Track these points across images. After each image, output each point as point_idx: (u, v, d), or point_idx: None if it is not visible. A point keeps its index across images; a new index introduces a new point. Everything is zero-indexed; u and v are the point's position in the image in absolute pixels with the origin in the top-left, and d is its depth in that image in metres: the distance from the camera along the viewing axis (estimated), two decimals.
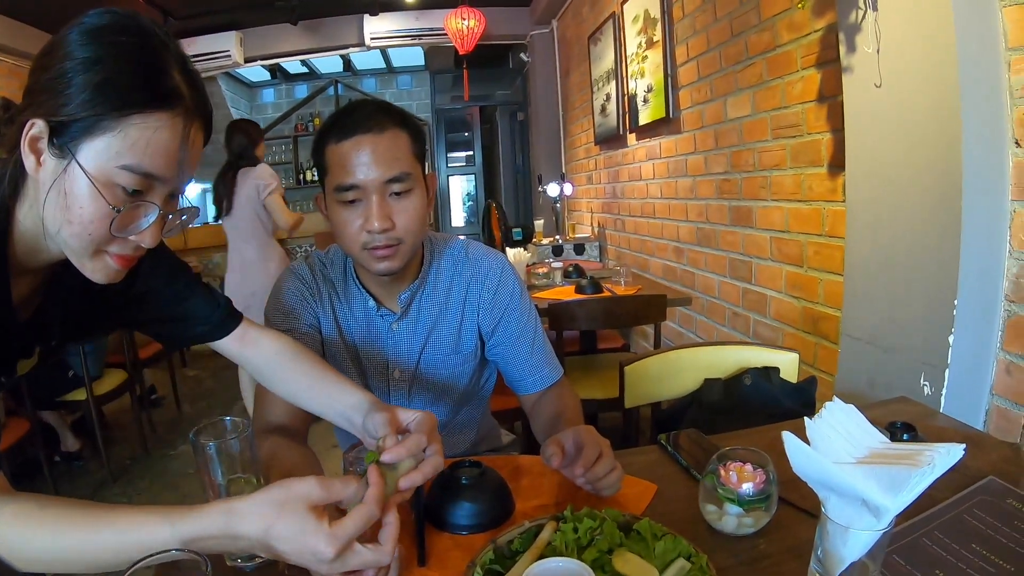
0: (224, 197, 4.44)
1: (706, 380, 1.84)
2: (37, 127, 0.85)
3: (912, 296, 1.95)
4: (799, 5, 2.26)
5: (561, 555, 0.89)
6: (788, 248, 2.85)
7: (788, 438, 0.83)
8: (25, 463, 3.66)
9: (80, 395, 3.88)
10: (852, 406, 0.90)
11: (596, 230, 6.09)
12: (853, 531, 0.80)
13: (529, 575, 0.83)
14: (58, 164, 0.86)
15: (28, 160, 0.87)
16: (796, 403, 1.82)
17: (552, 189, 5.76)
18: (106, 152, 0.86)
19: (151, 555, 0.77)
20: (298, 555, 0.81)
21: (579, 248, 5.39)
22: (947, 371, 1.83)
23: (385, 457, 0.91)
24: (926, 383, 1.90)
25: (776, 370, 1.82)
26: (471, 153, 12.17)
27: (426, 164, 1.48)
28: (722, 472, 1.03)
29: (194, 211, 1.04)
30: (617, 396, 1.99)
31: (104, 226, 0.88)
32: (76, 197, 0.86)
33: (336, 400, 1.21)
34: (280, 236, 7.14)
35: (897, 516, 0.79)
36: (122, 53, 0.87)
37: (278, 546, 0.81)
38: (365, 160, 1.32)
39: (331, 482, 0.85)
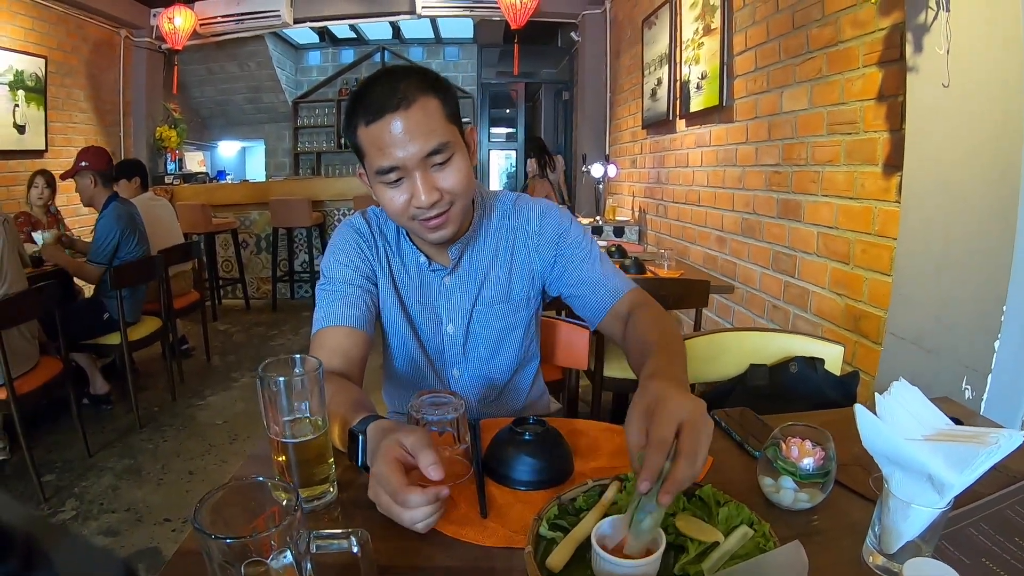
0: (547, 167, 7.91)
1: (751, 365, 1.86)
2: None
3: (961, 299, 1.96)
4: (872, 1, 2.26)
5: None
6: (835, 244, 2.86)
7: (860, 411, 0.86)
8: (53, 403, 3.74)
9: (114, 339, 3.99)
10: (917, 388, 0.93)
11: (636, 214, 6.08)
12: (915, 507, 0.83)
13: (599, 530, 0.86)
14: None
15: None
16: (839, 395, 1.83)
17: (596, 170, 5.75)
18: None
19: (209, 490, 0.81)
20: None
21: (619, 231, 5.39)
22: (990, 376, 1.84)
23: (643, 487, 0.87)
24: (968, 387, 1.91)
25: (821, 361, 1.84)
26: (513, 130, 12.16)
27: (461, 120, 1.44)
28: (783, 445, 1.05)
29: None
30: None
31: None
32: None
33: None
34: (318, 198, 7.25)
35: (957, 497, 0.82)
36: None
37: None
38: (399, 139, 1.29)
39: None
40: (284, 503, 0.76)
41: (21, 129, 6.15)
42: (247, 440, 3.87)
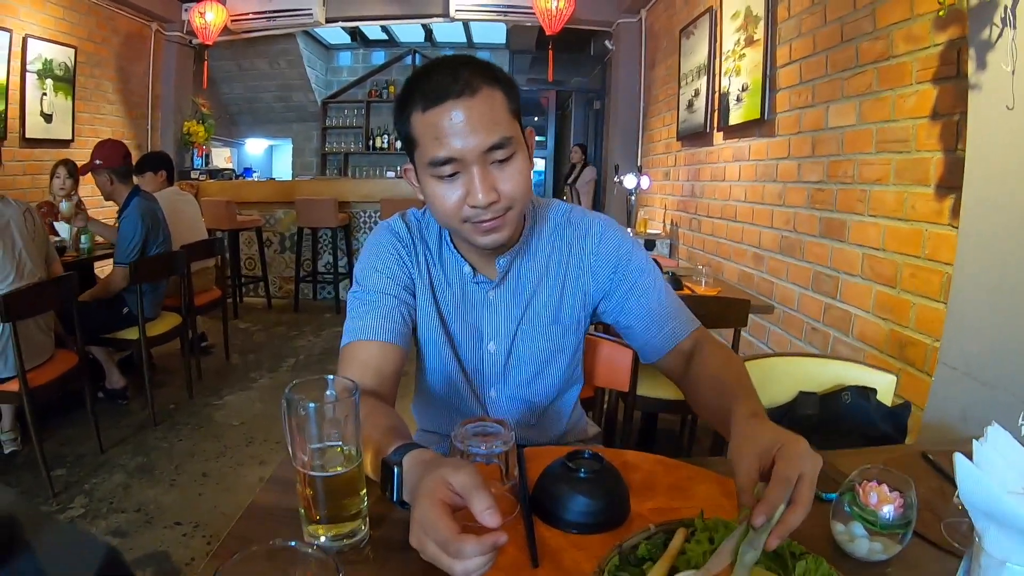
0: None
1: (801, 393, 1.76)
2: None
3: (1020, 330, 1.87)
4: (940, 12, 2.16)
5: (697, 566, 0.83)
6: (881, 267, 2.76)
7: (960, 460, 0.78)
8: (68, 396, 3.70)
9: (132, 334, 3.96)
10: (1009, 433, 0.85)
11: (668, 227, 6.00)
12: (1010, 566, 0.74)
13: None
14: None
15: None
16: (890, 427, 1.74)
17: (629, 181, 5.66)
18: None
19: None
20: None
21: (650, 244, 5.29)
22: None
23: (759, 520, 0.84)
24: None
25: (874, 391, 1.74)
26: (543, 138, 12.10)
27: (521, 119, 1.33)
28: (860, 491, 0.96)
29: None
30: (681, 399, 1.92)
31: None
32: None
33: None
34: (345, 199, 7.22)
35: None
36: None
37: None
38: (460, 129, 1.17)
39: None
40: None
41: (48, 118, 6.17)
42: (263, 444, 3.80)
